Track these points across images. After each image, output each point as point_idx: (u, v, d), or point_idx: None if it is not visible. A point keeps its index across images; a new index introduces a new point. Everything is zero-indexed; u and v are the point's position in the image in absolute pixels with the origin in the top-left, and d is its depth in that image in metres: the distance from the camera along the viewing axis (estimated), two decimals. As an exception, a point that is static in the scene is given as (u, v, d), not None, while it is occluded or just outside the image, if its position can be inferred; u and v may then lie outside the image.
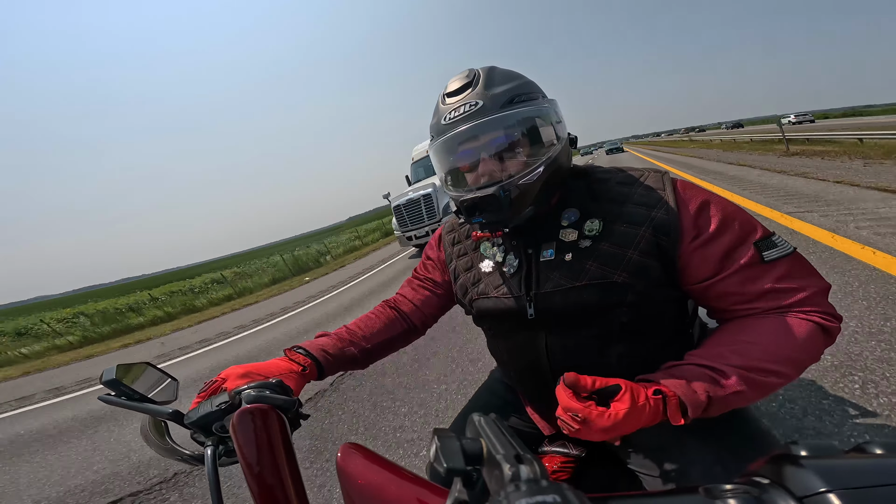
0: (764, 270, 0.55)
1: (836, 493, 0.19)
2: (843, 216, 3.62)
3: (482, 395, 0.90)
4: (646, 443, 0.63)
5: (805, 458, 0.22)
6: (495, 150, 0.62)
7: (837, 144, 10.96)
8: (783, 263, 0.55)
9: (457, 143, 0.64)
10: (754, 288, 0.56)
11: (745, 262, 0.56)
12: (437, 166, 0.71)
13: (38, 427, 3.69)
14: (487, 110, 0.61)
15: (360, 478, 0.34)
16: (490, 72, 0.65)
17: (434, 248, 0.88)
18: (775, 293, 0.55)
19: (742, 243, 0.57)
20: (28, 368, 7.25)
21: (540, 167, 0.61)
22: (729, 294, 0.57)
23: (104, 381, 0.54)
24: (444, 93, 0.67)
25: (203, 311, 9.83)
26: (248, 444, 0.46)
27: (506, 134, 0.62)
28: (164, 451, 0.58)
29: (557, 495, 0.19)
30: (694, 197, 0.60)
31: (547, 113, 0.64)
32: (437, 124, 0.66)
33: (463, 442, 0.24)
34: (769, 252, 0.55)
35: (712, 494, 0.23)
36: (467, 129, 0.61)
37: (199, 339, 6.05)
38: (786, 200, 4.71)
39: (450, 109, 0.64)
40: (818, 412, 1.46)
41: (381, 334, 0.81)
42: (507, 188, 0.60)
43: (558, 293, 0.63)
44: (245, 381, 0.55)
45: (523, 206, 0.62)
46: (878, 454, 0.22)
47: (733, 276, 0.56)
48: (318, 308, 6.12)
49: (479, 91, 0.62)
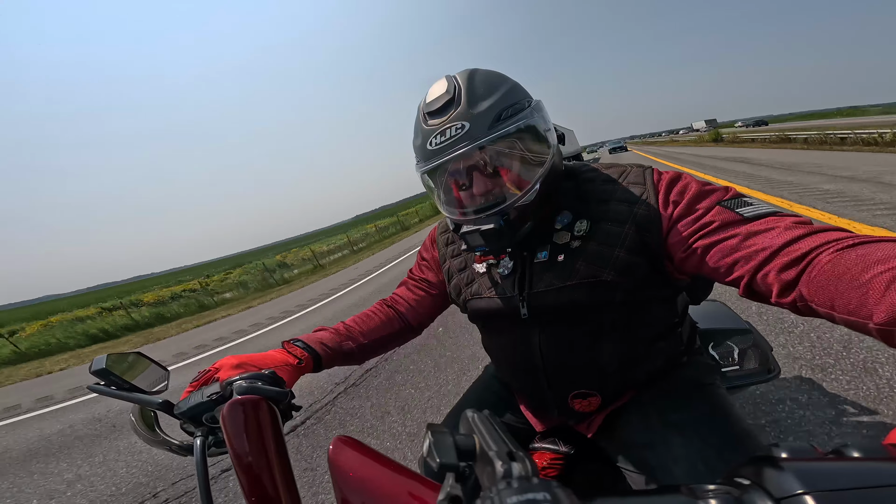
0: (742, 223, 0.53)
1: (811, 495, 0.20)
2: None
3: (476, 391, 0.91)
4: (633, 441, 0.65)
5: (784, 461, 0.23)
6: (487, 172, 0.61)
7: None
8: (763, 217, 0.52)
9: (445, 168, 0.63)
10: (738, 240, 0.52)
11: (720, 221, 0.54)
12: (428, 189, 0.70)
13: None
14: (474, 134, 0.58)
15: (351, 471, 0.34)
16: (470, 82, 0.61)
17: (428, 249, 0.88)
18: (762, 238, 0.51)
19: (714, 205, 0.56)
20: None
21: (536, 184, 0.61)
22: (721, 252, 0.53)
23: (93, 370, 0.54)
24: (425, 111, 0.63)
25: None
26: (237, 434, 0.46)
27: (497, 155, 0.60)
28: (153, 442, 0.57)
29: (547, 493, 0.19)
30: (665, 179, 0.61)
31: (535, 124, 0.62)
32: (423, 148, 0.63)
33: (456, 438, 0.24)
34: (743, 209, 0.54)
35: (694, 494, 0.24)
36: (455, 155, 0.59)
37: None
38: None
39: (434, 132, 0.60)
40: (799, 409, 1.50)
41: (377, 331, 0.81)
42: (506, 212, 0.60)
43: (550, 292, 0.64)
44: (238, 371, 0.55)
45: (523, 223, 0.63)
46: (855, 457, 0.23)
47: (712, 234, 0.54)
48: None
49: (463, 110, 0.59)
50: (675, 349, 0.71)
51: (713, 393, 0.67)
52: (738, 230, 0.52)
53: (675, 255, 0.59)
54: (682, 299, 0.75)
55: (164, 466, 2.45)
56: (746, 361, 1.00)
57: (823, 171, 7.58)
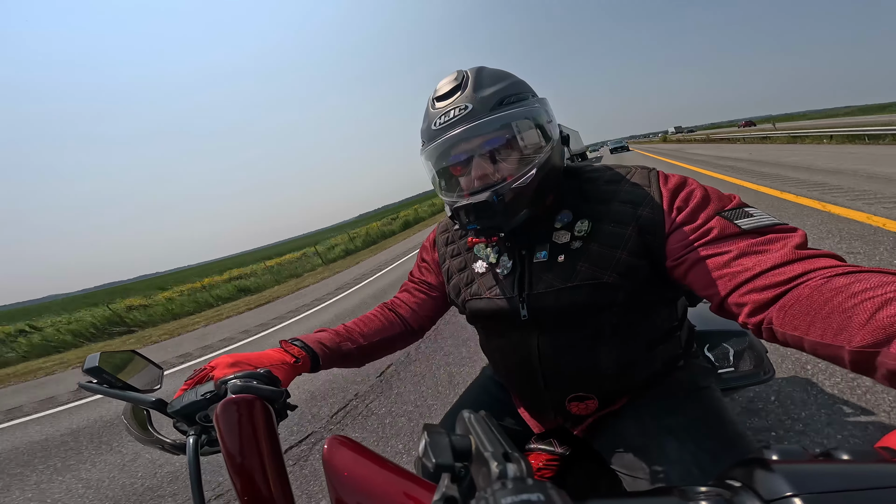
0: (738, 238, 0.52)
1: (801, 497, 0.20)
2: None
3: (473, 392, 0.91)
4: (628, 443, 0.65)
5: (775, 463, 0.23)
6: (486, 153, 0.62)
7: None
8: (761, 231, 0.52)
9: (447, 147, 0.64)
10: (729, 257, 0.51)
11: (717, 232, 0.53)
12: (430, 171, 0.71)
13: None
14: (477, 114, 0.60)
15: (346, 470, 0.34)
16: (478, 73, 0.64)
17: (428, 251, 0.88)
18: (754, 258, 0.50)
19: (715, 214, 0.55)
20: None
21: (532, 169, 0.61)
22: (708, 266, 0.53)
23: (86, 368, 0.53)
24: (434, 97, 0.66)
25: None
26: (230, 434, 0.46)
27: (496, 137, 0.61)
28: (145, 441, 0.57)
29: (541, 494, 0.19)
30: (672, 184, 0.61)
31: (538, 113, 0.64)
32: (428, 129, 0.66)
33: (452, 438, 0.24)
34: (742, 220, 0.53)
35: (686, 496, 0.24)
36: (457, 133, 0.61)
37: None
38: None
39: (439, 114, 0.63)
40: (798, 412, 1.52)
41: (377, 334, 0.81)
42: (501, 192, 0.60)
43: (550, 294, 0.64)
44: (234, 370, 0.55)
45: (518, 209, 0.62)
46: (844, 459, 0.23)
47: (706, 246, 0.54)
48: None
49: (468, 94, 0.62)
50: (674, 352, 0.71)
51: (708, 396, 0.68)
52: (731, 246, 0.52)
53: (668, 261, 0.59)
54: (682, 302, 0.75)
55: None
56: (742, 363, 1.01)
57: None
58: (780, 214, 4.35)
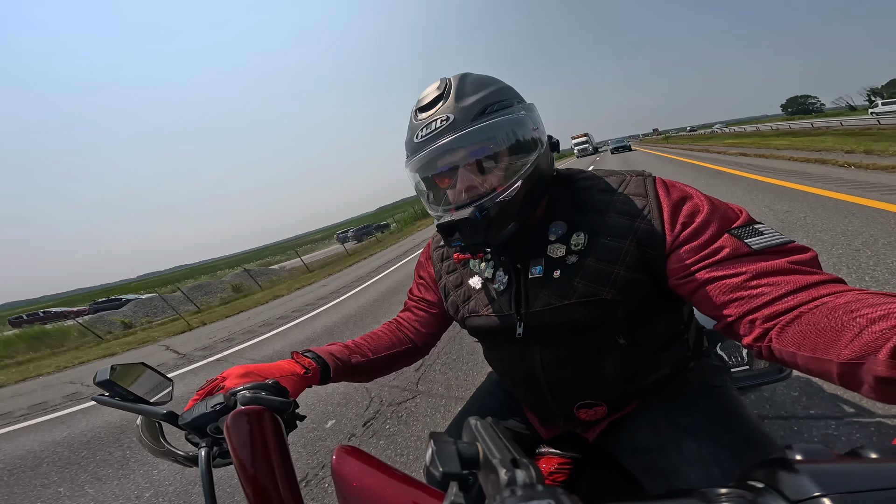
0: (749, 259, 0.50)
1: (829, 497, 0.19)
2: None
3: (479, 398, 0.90)
4: (643, 445, 0.63)
5: (799, 463, 0.22)
6: (471, 164, 0.60)
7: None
8: (771, 251, 0.50)
9: (430, 160, 0.62)
10: (741, 280, 0.49)
11: (727, 251, 0.51)
12: (415, 184, 0.69)
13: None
14: (458, 125, 0.58)
15: (355, 480, 0.34)
16: (461, 81, 0.62)
17: (424, 266, 0.87)
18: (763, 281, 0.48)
19: (722, 232, 0.53)
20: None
21: (517, 181, 0.58)
22: (718, 288, 0.51)
23: (97, 381, 0.54)
24: (416, 108, 0.64)
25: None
26: (241, 445, 0.46)
27: (479, 147, 0.59)
28: (158, 453, 0.57)
29: (552, 500, 0.19)
30: (673, 196, 0.58)
31: (522, 121, 0.61)
32: (410, 142, 0.64)
33: (459, 446, 0.24)
34: (752, 239, 0.51)
35: (708, 499, 0.23)
36: (438, 146, 0.59)
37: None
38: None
39: (421, 125, 0.61)
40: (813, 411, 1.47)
41: (386, 349, 0.80)
42: (485, 207, 0.58)
43: (548, 311, 0.62)
44: (244, 380, 0.55)
45: (505, 223, 0.60)
46: (872, 458, 0.22)
47: (715, 267, 0.51)
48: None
49: (450, 104, 0.59)
50: (682, 355, 0.69)
51: (723, 395, 0.66)
52: (743, 268, 0.49)
53: (671, 278, 0.56)
54: (688, 306, 0.72)
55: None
56: (756, 361, 0.98)
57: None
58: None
